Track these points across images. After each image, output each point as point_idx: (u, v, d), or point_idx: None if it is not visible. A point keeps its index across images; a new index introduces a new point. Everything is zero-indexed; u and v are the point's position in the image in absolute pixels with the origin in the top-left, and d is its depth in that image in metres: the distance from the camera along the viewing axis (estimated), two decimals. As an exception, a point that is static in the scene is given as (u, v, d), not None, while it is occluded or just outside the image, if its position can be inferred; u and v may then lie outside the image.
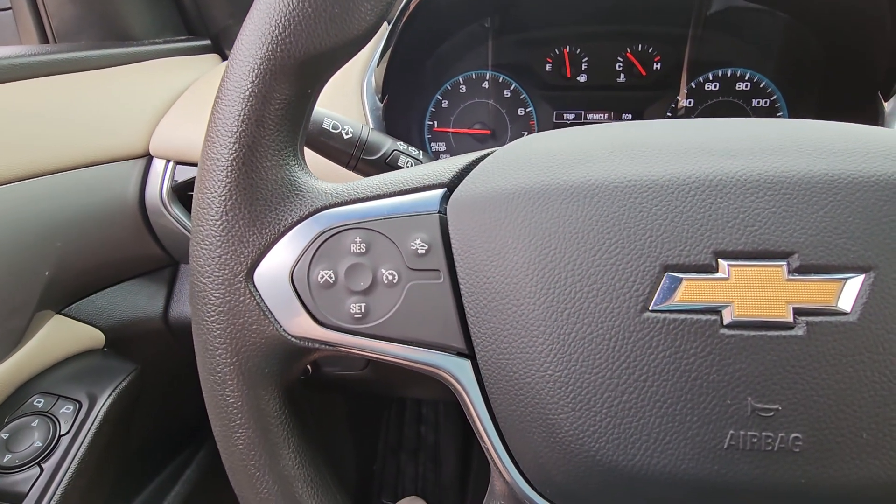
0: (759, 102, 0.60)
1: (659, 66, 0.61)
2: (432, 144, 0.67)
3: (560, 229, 0.24)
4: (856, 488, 0.21)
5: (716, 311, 0.22)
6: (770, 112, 0.60)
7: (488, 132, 0.65)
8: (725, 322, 0.22)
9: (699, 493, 0.22)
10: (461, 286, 0.25)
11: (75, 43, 0.62)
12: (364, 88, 0.54)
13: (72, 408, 0.46)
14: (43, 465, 0.43)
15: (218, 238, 0.25)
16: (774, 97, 0.60)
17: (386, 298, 0.26)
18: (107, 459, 0.48)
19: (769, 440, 0.21)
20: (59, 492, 0.42)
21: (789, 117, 0.59)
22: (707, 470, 0.22)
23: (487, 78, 0.64)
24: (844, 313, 0.21)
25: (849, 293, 0.21)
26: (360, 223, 0.26)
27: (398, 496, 1.06)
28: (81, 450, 0.45)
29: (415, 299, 0.26)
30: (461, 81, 0.64)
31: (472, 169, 0.27)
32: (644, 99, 0.62)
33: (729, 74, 0.60)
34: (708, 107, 0.61)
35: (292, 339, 0.26)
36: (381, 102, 0.54)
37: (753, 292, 0.22)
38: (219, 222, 0.25)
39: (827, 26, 0.52)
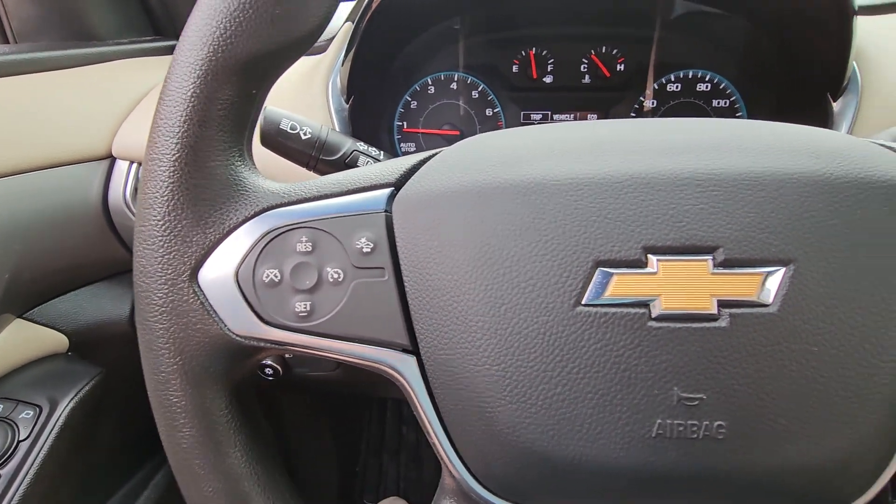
0: (719, 103, 0.62)
1: (623, 68, 0.62)
2: (402, 145, 0.67)
3: (499, 227, 0.25)
4: (775, 472, 0.22)
5: (644, 304, 0.23)
6: (730, 112, 0.61)
7: (457, 133, 0.66)
8: (653, 315, 0.23)
9: (630, 481, 0.23)
10: (405, 284, 0.26)
11: (36, 43, 0.61)
12: (329, 89, 0.54)
13: (32, 413, 0.46)
14: (0, 472, 0.42)
15: (160, 238, 0.25)
16: (734, 98, 0.61)
17: (331, 297, 0.26)
18: (69, 465, 0.48)
19: (694, 428, 0.22)
20: (16, 498, 0.42)
21: (748, 117, 0.61)
22: (636, 458, 0.22)
23: (456, 79, 0.65)
24: (765, 305, 0.22)
25: (770, 286, 0.22)
26: (306, 222, 0.26)
27: (380, 496, 1.06)
28: (41, 455, 0.44)
29: (360, 297, 0.26)
30: (430, 83, 0.65)
31: (418, 168, 0.28)
32: (609, 99, 0.63)
33: (690, 76, 0.61)
34: (670, 107, 0.63)
35: (237, 338, 0.26)
36: (347, 103, 0.54)
37: (680, 286, 0.23)
38: (161, 223, 0.25)
39: (779, 30, 0.54)
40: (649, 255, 0.23)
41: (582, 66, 0.63)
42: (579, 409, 0.23)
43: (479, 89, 0.65)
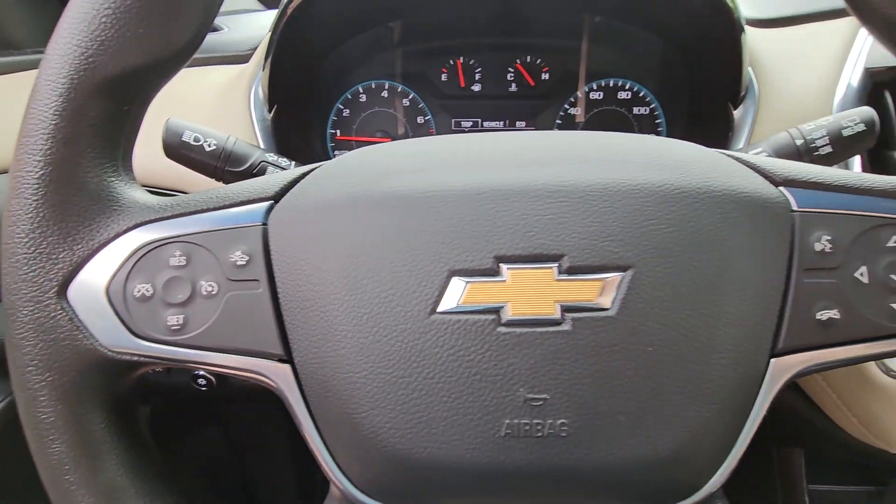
0: (639, 110, 0.64)
1: (547, 77, 0.64)
2: (336, 153, 0.68)
3: (365, 239, 0.25)
4: (616, 466, 0.24)
5: (495, 311, 0.24)
6: (649, 119, 0.64)
7: (390, 140, 0.67)
8: (503, 321, 0.24)
9: (482, 479, 0.24)
10: (279, 295, 0.26)
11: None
12: (251, 99, 0.55)
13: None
14: None
15: (25, 255, 0.25)
16: (653, 105, 0.64)
17: (204, 310, 0.26)
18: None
19: (539, 427, 0.23)
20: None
21: (666, 124, 0.64)
22: (487, 457, 0.24)
23: (386, 87, 0.65)
24: (605, 309, 0.24)
25: (609, 290, 0.24)
26: (180, 237, 0.27)
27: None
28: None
29: (234, 309, 0.26)
30: (361, 90, 0.65)
31: (298, 182, 0.29)
32: (535, 107, 0.65)
33: (611, 84, 0.64)
34: (594, 114, 0.65)
35: (110, 353, 0.26)
36: (269, 113, 0.55)
37: (527, 293, 0.24)
38: (26, 240, 0.25)
39: (683, 44, 0.57)
40: (501, 264, 0.24)
41: (508, 75, 0.65)
42: (434, 411, 0.24)
43: (410, 97, 0.66)
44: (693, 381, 0.24)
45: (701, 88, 0.57)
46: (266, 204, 0.28)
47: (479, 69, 0.65)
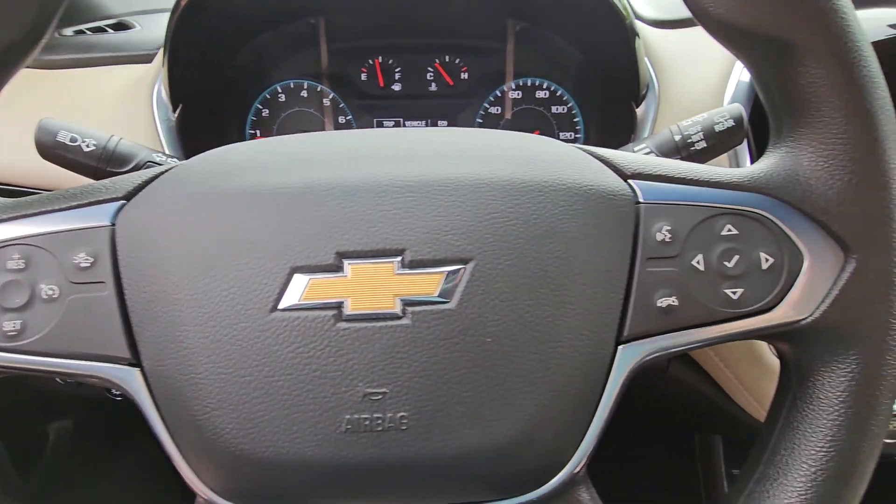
0: (558, 109, 0.65)
1: (466, 76, 0.65)
2: (257, 154, 0.66)
3: (210, 237, 0.25)
4: (456, 457, 0.24)
5: (335, 307, 0.24)
6: (568, 118, 0.65)
7: (312, 140, 0.66)
8: (343, 316, 0.24)
9: (325, 476, 0.24)
10: (126, 297, 0.26)
11: None
12: (154, 99, 0.53)
13: None
14: None
15: None
16: (570, 104, 0.65)
17: (44, 314, 0.25)
18: None
19: (379, 421, 0.23)
20: None
21: (583, 123, 0.65)
22: (329, 453, 0.24)
23: (306, 87, 0.65)
24: (444, 301, 0.24)
25: (449, 284, 0.24)
26: (18, 240, 0.26)
27: None
28: None
29: (77, 313, 0.26)
30: (280, 90, 0.65)
31: (152, 181, 0.28)
32: (455, 107, 0.66)
33: (529, 84, 0.65)
34: (515, 113, 0.66)
35: None
36: (174, 113, 0.53)
37: (367, 288, 0.24)
38: None
39: (589, 47, 0.58)
40: (343, 260, 0.24)
41: (428, 75, 0.65)
42: (275, 410, 0.24)
43: (330, 97, 0.65)
44: (533, 371, 0.24)
45: (609, 89, 0.59)
46: (116, 204, 0.27)
47: (399, 69, 0.65)
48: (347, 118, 0.66)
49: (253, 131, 0.66)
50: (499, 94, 0.65)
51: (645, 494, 0.77)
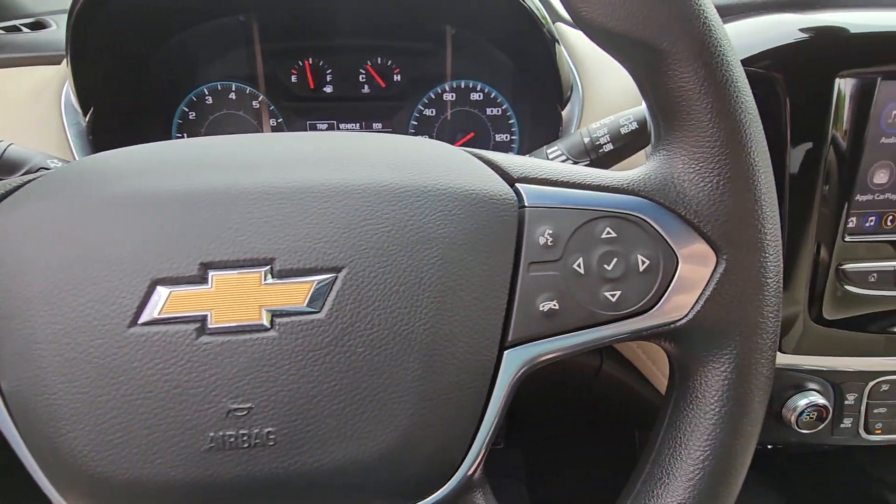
0: (492, 111, 0.65)
1: (399, 78, 0.64)
2: (185, 158, 0.64)
3: (70, 248, 0.24)
4: (328, 471, 0.23)
5: (198, 320, 0.23)
6: (503, 119, 0.65)
7: (242, 144, 0.64)
8: (206, 330, 0.23)
9: (189, 497, 0.23)
10: None
11: None
12: (63, 102, 0.51)
13: None
14: None
15: None
16: (504, 106, 0.65)
17: None
18: None
19: (245, 437, 0.23)
20: None
21: (518, 124, 0.65)
22: (192, 473, 0.23)
23: (234, 89, 0.63)
24: (314, 312, 0.23)
25: (319, 293, 0.23)
26: None
27: None
28: None
29: None
30: (206, 92, 0.63)
31: (19, 189, 0.26)
32: (389, 109, 0.65)
33: (463, 86, 0.65)
34: (450, 114, 0.66)
35: None
36: (84, 116, 0.51)
37: (232, 299, 0.23)
38: None
39: (517, 51, 0.59)
40: (208, 271, 0.23)
41: (360, 77, 0.64)
42: (134, 430, 0.23)
43: (259, 100, 0.64)
44: (409, 380, 0.24)
45: (538, 91, 0.59)
46: None
47: (330, 70, 0.64)
48: (279, 121, 0.64)
49: (180, 135, 0.63)
50: (433, 96, 0.65)
51: (588, 493, 0.77)
